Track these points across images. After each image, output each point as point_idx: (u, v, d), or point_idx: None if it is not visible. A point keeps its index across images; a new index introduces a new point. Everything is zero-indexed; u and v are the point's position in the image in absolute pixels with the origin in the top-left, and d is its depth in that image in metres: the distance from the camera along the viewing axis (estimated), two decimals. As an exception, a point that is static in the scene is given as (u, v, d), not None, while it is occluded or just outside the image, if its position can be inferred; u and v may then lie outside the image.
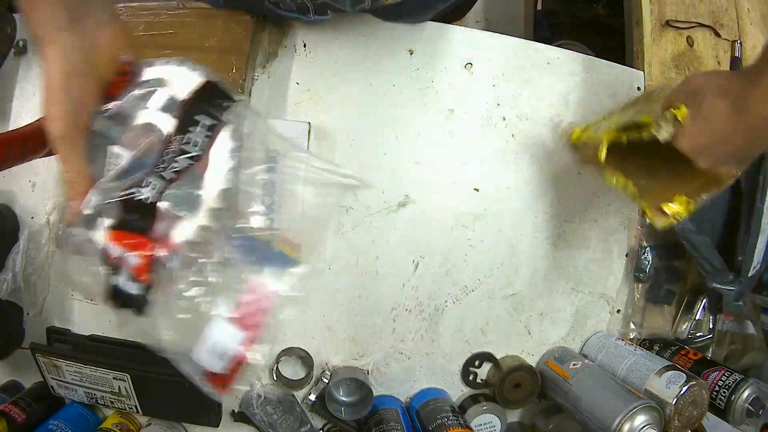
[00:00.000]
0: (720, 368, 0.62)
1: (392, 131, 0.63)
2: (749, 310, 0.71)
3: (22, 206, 0.64)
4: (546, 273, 0.66)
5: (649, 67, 0.69)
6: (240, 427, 0.64)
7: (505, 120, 0.65)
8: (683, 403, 0.56)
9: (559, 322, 0.67)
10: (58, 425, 0.58)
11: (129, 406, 0.61)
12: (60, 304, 0.64)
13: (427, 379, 0.66)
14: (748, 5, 0.78)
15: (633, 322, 0.68)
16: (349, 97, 0.63)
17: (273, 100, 0.63)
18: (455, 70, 0.65)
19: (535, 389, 0.64)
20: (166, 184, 0.36)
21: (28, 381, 0.66)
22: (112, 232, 0.35)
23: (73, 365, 0.58)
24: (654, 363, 0.60)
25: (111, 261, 0.35)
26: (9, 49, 0.66)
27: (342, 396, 0.63)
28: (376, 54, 0.64)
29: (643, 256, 0.66)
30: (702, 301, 0.68)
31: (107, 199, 0.36)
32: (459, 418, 0.59)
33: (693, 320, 0.68)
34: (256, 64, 0.63)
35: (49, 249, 0.63)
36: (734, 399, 0.59)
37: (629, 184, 0.51)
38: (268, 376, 0.63)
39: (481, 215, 0.64)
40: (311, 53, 0.63)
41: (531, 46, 0.66)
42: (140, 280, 0.35)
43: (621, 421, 0.53)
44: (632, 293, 0.68)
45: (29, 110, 0.65)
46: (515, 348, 0.67)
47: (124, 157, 0.37)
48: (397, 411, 0.61)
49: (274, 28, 0.63)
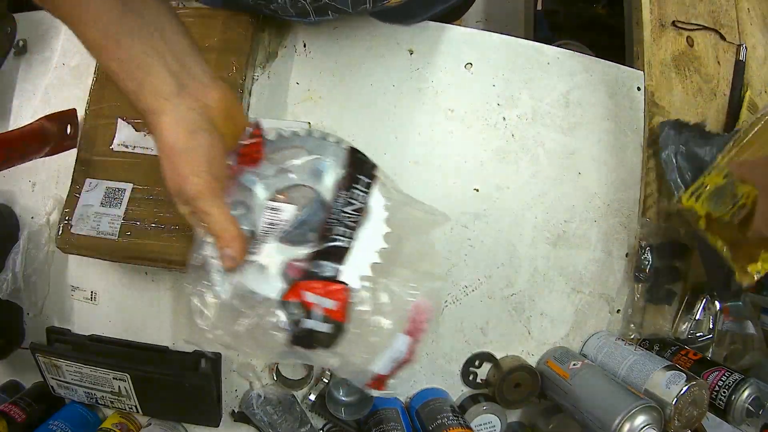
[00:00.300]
0: (720, 368, 0.61)
1: (392, 131, 0.63)
2: (749, 310, 0.71)
3: (22, 206, 0.64)
4: (546, 273, 0.66)
5: (649, 67, 0.69)
6: (240, 427, 0.64)
7: (505, 120, 0.65)
8: (683, 403, 0.56)
9: (559, 322, 0.67)
10: (58, 425, 0.58)
11: (129, 406, 0.61)
12: (60, 304, 0.64)
13: (427, 379, 0.66)
14: (748, 5, 0.78)
15: (633, 322, 0.67)
16: (349, 97, 0.63)
17: (273, 100, 0.63)
18: (455, 70, 0.65)
19: (535, 389, 0.64)
20: (351, 231, 0.42)
21: (28, 381, 0.66)
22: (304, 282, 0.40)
23: (73, 365, 0.58)
24: (654, 363, 0.60)
25: (304, 306, 0.40)
26: (9, 49, 0.66)
27: (342, 396, 0.63)
28: (376, 54, 0.64)
29: (643, 256, 0.66)
30: (702, 301, 0.68)
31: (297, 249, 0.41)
32: (459, 418, 0.59)
33: (693, 320, 0.68)
34: (256, 64, 0.63)
35: (49, 249, 0.63)
36: (734, 399, 0.59)
37: (725, 248, 0.58)
38: (268, 376, 0.63)
39: (481, 215, 0.64)
40: (311, 53, 0.63)
41: (531, 46, 0.66)
42: (334, 320, 0.40)
43: (621, 421, 0.53)
44: (632, 293, 0.68)
45: (29, 110, 0.65)
46: (515, 348, 0.67)
47: (286, 211, 0.42)
48: (397, 411, 0.61)
49: (274, 28, 0.63)
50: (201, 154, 0.38)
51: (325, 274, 0.41)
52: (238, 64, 0.58)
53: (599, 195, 0.67)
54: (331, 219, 0.42)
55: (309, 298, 0.40)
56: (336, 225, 0.42)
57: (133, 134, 0.57)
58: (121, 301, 0.63)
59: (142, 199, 0.56)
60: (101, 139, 0.57)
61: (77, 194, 0.56)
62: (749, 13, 0.78)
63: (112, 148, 0.57)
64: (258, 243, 0.41)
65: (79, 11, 0.35)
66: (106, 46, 0.36)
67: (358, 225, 0.42)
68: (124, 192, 0.56)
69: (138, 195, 0.56)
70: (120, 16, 0.36)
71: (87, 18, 0.35)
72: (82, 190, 0.56)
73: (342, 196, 0.43)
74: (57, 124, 0.58)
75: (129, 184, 0.56)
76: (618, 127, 0.67)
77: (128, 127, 0.57)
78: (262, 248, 0.41)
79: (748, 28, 0.77)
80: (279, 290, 0.41)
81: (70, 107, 0.60)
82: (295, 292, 0.40)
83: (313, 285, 0.40)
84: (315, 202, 0.43)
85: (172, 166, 0.38)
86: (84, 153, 0.58)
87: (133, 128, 0.57)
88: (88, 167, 0.57)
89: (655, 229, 0.67)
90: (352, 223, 0.42)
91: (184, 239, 0.54)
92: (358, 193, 0.43)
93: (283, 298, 0.40)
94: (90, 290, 0.63)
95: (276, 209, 0.42)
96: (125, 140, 0.57)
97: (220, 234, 0.39)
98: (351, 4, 0.52)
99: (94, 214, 0.55)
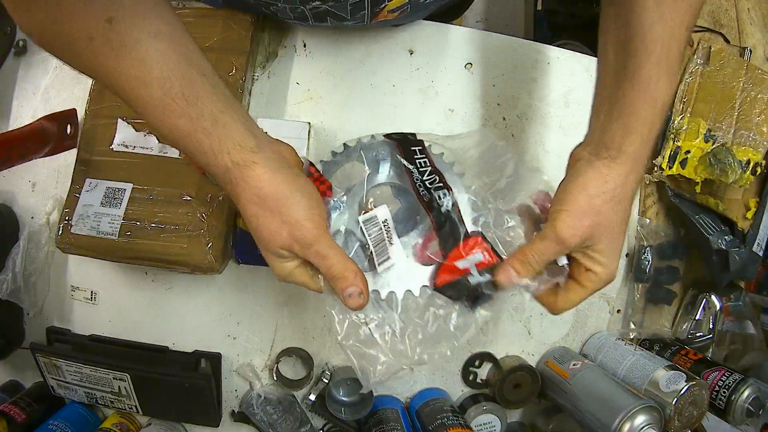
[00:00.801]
0: (720, 368, 0.62)
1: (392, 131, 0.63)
2: (749, 310, 0.71)
3: (22, 206, 0.64)
4: (546, 273, 0.66)
5: (649, 67, 0.69)
6: (240, 427, 0.64)
7: (505, 120, 0.65)
8: (683, 403, 0.56)
9: (559, 322, 0.67)
10: (58, 425, 0.58)
11: (129, 406, 0.61)
12: (60, 304, 0.64)
13: (427, 379, 0.66)
14: (748, 5, 0.78)
15: (633, 322, 0.67)
16: (349, 97, 0.63)
17: (273, 100, 0.63)
18: (455, 70, 0.65)
19: (535, 389, 0.64)
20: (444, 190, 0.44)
21: (28, 381, 0.66)
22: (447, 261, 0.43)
23: (73, 365, 0.58)
24: (654, 363, 0.60)
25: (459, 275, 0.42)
26: (9, 49, 0.66)
27: (342, 396, 0.63)
28: (376, 54, 0.64)
29: (643, 256, 0.66)
30: (702, 301, 0.68)
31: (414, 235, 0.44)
32: (459, 418, 0.59)
33: (693, 320, 0.68)
34: (256, 64, 0.63)
35: (49, 249, 0.63)
36: (734, 399, 0.59)
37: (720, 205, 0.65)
38: (268, 376, 0.63)
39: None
40: (311, 53, 0.63)
41: (531, 46, 0.66)
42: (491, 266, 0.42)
43: (621, 421, 0.53)
44: (632, 293, 0.67)
45: (29, 110, 0.65)
46: (515, 348, 0.67)
47: (381, 213, 0.44)
48: (397, 411, 0.61)
49: (274, 28, 0.63)
50: (308, 198, 0.38)
51: (455, 237, 0.43)
52: (238, 64, 0.58)
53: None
54: (421, 193, 0.44)
55: (461, 265, 0.42)
56: (428, 194, 0.44)
57: (133, 134, 0.57)
58: (121, 301, 0.63)
59: (142, 199, 0.56)
60: (101, 139, 0.57)
61: (77, 194, 0.56)
62: (749, 13, 0.78)
63: (112, 148, 0.57)
64: (380, 253, 0.43)
65: (142, 70, 0.34)
66: (170, 105, 0.35)
67: (444, 182, 0.44)
68: (124, 192, 0.56)
69: (138, 195, 0.56)
70: (186, 68, 0.35)
71: (150, 77, 0.34)
72: (82, 190, 0.56)
73: (412, 171, 0.45)
74: (57, 124, 0.58)
75: (129, 184, 0.56)
76: (618, 127, 0.67)
77: (128, 127, 0.57)
78: (387, 254, 0.43)
79: (748, 28, 0.77)
80: (429, 277, 0.43)
81: (70, 107, 0.60)
82: (446, 271, 0.42)
83: (454, 254, 0.42)
84: (396, 190, 0.47)
85: (279, 215, 0.37)
86: (84, 153, 0.58)
87: (133, 128, 0.57)
88: (88, 167, 0.57)
89: (655, 229, 0.67)
90: (439, 184, 0.44)
91: (183, 239, 0.54)
92: (421, 161, 0.45)
93: (438, 284, 0.43)
94: (90, 290, 0.63)
95: (371, 218, 0.44)
96: (125, 140, 0.57)
97: (341, 275, 0.38)
98: (350, 11, 0.52)
99: (94, 214, 0.55)
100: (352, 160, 0.47)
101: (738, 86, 0.67)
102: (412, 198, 0.46)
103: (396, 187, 0.47)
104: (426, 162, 0.45)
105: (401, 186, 0.47)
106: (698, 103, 0.66)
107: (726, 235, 0.65)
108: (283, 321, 0.63)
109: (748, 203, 0.68)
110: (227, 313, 0.63)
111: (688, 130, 0.65)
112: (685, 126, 0.65)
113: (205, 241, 0.54)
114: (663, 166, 0.64)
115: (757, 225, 0.67)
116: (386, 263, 0.43)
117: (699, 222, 0.65)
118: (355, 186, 0.46)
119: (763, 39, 0.78)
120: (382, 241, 0.43)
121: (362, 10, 0.52)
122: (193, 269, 0.55)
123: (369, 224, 0.44)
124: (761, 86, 0.68)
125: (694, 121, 0.65)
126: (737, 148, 0.65)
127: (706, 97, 0.66)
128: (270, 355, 0.63)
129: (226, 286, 0.62)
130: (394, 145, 0.47)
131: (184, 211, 0.55)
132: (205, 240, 0.54)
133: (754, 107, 0.67)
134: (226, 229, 0.56)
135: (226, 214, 0.56)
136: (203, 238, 0.54)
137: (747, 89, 0.68)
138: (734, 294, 0.70)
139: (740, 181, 0.63)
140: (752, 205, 0.68)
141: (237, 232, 0.58)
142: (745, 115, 0.67)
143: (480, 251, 0.42)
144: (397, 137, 0.47)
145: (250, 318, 0.63)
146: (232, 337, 0.63)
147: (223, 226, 0.56)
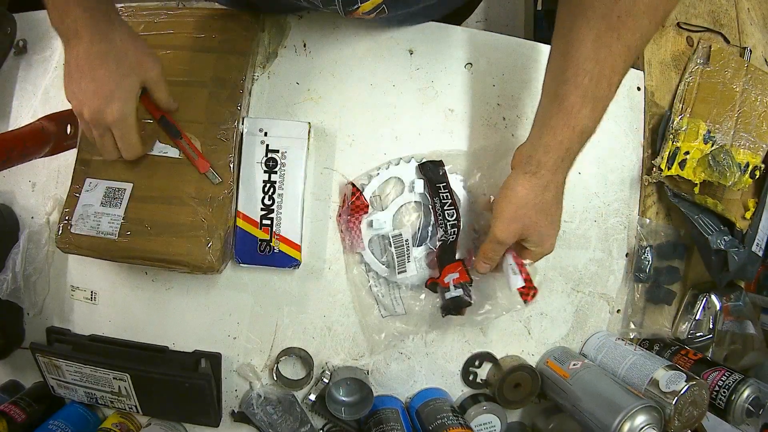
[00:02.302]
0: (720, 368, 0.62)
1: (392, 131, 0.63)
2: (749, 310, 0.71)
3: (22, 206, 0.64)
4: (546, 273, 0.66)
5: (649, 66, 0.69)
6: (240, 427, 0.64)
7: (505, 120, 0.65)
8: (683, 403, 0.56)
9: (559, 322, 0.67)
10: (58, 425, 0.58)
11: (129, 406, 0.61)
12: (60, 304, 0.64)
13: (427, 379, 0.66)
14: (748, 5, 0.78)
15: (633, 322, 0.68)
16: (349, 97, 0.63)
17: (273, 100, 0.63)
18: (455, 70, 0.65)
19: (535, 389, 0.64)
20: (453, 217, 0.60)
21: (28, 381, 0.66)
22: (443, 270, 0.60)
23: (73, 365, 0.58)
24: (654, 363, 0.60)
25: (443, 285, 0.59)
26: (9, 49, 0.66)
27: (342, 396, 0.63)
28: (376, 54, 0.64)
29: (643, 256, 0.66)
30: (702, 301, 0.68)
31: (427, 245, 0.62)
32: (459, 418, 0.59)
33: (693, 320, 0.68)
34: (256, 64, 0.63)
35: (49, 249, 0.63)
36: (734, 399, 0.59)
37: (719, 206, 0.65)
38: (268, 376, 0.63)
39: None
40: (311, 53, 0.63)
41: (531, 46, 0.66)
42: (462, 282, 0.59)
43: (621, 421, 0.53)
44: (632, 293, 0.68)
45: (29, 110, 0.65)
46: (515, 348, 0.67)
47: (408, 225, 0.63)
48: (397, 411, 0.61)
49: (274, 28, 0.63)
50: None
51: (449, 261, 0.60)
52: (238, 64, 0.59)
53: (599, 195, 0.67)
54: (440, 221, 0.60)
55: (446, 279, 0.59)
56: (443, 223, 0.60)
57: (133, 134, 0.57)
58: (121, 301, 0.63)
59: (142, 199, 0.56)
60: (101, 139, 0.57)
61: (77, 194, 0.56)
62: (749, 13, 0.78)
63: (112, 148, 0.57)
64: (400, 264, 0.60)
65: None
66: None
67: (458, 217, 0.60)
68: (124, 192, 0.56)
69: (138, 195, 0.56)
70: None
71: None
72: (82, 190, 0.56)
73: (436, 203, 0.60)
74: (57, 124, 0.57)
75: (129, 184, 0.56)
76: (618, 127, 0.67)
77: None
78: (405, 267, 0.60)
79: (748, 28, 0.77)
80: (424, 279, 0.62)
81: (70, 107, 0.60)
82: (442, 278, 0.59)
83: (446, 270, 0.59)
84: (424, 207, 0.62)
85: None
86: (84, 153, 0.58)
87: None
88: (88, 167, 0.57)
89: (655, 229, 0.67)
90: (453, 221, 0.60)
91: (183, 239, 0.54)
92: (443, 192, 0.60)
93: (427, 283, 0.62)
94: (90, 290, 0.63)
95: (398, 235, 0.60)
96: (125, 140, 0.57)
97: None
98: (322, 2, 0.53)
99: (94, 214, 0.55)
100: (386, 182, 0.62)
101: (738, 87, 0.67)
102: (431, 218, 0.61)
103: (424, 205, 0.62)
104: (448, 196, 0.60)
105: (427, 206, 0.62)
106: (698, 104, 0.66)
107: (725, 235, 0.65)
108: (283, 321, 0.63)
109: (747, 204, 0.69)
110: (227, 313, 0.63)
111: (687, 130, 0.65)
112: (684, 126, 0.65)
113: (205, 241, 0.54)
114: (662, 167, 0.64)
115: (756, 225, 0.67)
116: (403, 274, 0.61)
117: (698, 222, 0.65)
118: (391, 202, 0.62)
119: (763, 39, 0.78)
120: (403, 256, 0.60)
121: (332, 5, 0.53)
122: (193, 269, 0.55)
123: (396, 239, 0.60)
124: (761, 87, 0.68)
125: (694, 121, 0.65)
126: (736, 150, 0.65)
127: (706, 97, 0.66)
128: (270, 355, 0.63)
129: (226, 286, 0.62)
130: (423, 176, 0.61)
131: (184, 211, 0.55)
132: (205, 240, 0.54)
133: (754, 109, 0.67)
134: (226, 229, 0.56)
135: (226, 214, 0.56)
136: (203, 238, 0.55)
137: (747, 90, 0.68)
138: (734, 294, 0.70)
139: (739, 184, 0.64)
140: (751, 206, 0.68)
141: (237, 232, 0.58)
142: (745, 117, 0.67)
143: (457, 272, 0.59)
144: (425, 169, 0.61)
145: (250, 318, 0.63)
146: (232, 337, 0.63)
147: (223, 226, 0.56)
